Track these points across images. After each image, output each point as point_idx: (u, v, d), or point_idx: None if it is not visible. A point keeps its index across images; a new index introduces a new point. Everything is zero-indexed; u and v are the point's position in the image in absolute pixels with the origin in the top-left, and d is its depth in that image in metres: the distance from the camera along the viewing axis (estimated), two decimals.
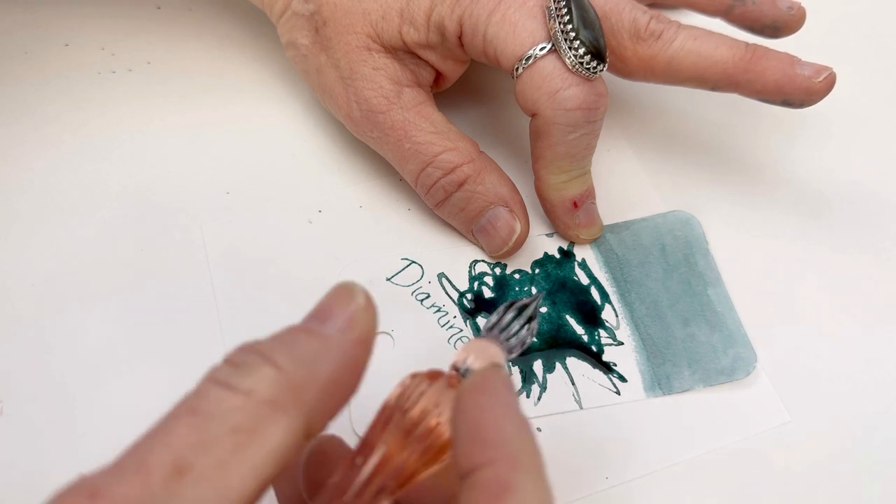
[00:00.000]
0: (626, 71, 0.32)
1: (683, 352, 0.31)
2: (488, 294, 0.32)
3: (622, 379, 0.30)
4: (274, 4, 0.34)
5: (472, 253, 0.33)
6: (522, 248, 0.33)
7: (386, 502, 0.19)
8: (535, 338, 0.31)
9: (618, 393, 0.30)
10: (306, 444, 0.18)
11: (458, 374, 0.21)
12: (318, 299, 0.20)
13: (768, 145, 0.38)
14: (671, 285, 0.33)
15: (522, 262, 0.33)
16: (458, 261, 0.33)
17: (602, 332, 0.31)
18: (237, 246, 0.33)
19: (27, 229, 0.33)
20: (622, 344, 0.31)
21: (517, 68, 0.29)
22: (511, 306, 0.24)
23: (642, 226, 0.34)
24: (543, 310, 0.32)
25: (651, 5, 0.34)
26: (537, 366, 0.30)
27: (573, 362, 0.31)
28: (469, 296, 0.32)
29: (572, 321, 0.32)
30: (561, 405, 0.30)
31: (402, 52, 0.32)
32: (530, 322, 0.24)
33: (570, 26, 0.28)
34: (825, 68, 0.30)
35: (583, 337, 0.31)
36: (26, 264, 0.32)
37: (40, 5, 0.41)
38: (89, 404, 0.29)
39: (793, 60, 0.30)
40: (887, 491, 0.28)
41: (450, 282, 0.32)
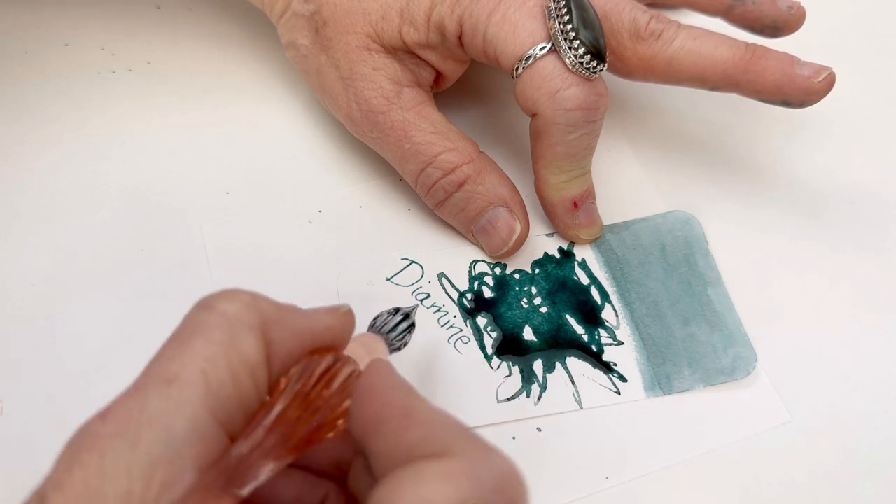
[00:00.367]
0: (626, 71, 0.32)
1: (683, 351, 0.31)
2: (488, 294, 0.32)
3: (622, 379, 0.30)
4: (274, 5, 0.34)
5: (472, 253, 0.33)
6: (522, 248, 0.33)
7: (272, 464, 0.19)
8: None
9: (618, 393, 0.30)
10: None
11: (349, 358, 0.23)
12: (317, 299, 0.20)
13: (768, 145, 0.38)
14: (671, 285, 0.33)
15: (522, 262, 0.33)
16: (458, 261, 0.33)
17: (602, 332, 0.31)
18: (237, 246, 0.33)
19: (27, 229, 0.33)
20: (622, 344, 0.31)
21: (517, 68, 0.29)
22: (398, 312, 0.28)
23: (642, 226, 0.34)
24: (543, 310, 0.32)
25: (651, 5, 0.34)
26: (537, 366, 0.30)
27: (573, 362, 0.31)
28: (469, 296, 0.32)
29: (572, 321, 0.32)
30: (561, 405, 0.30)
31: (402, 53, 0.32)
32: (412, 328, 0.28)
33: (570, 26, 0.28)
34: (825, 68, 0.30)
35: (583, 337, 0.31)
36: (26, 264, 0.32)
37: (40, 5, 0.41)
38: (89, 404, 0.29)
39: (792, 60, 0.30)
40: (887, 491, 0.28)
41: (450, 282, 0.32)
